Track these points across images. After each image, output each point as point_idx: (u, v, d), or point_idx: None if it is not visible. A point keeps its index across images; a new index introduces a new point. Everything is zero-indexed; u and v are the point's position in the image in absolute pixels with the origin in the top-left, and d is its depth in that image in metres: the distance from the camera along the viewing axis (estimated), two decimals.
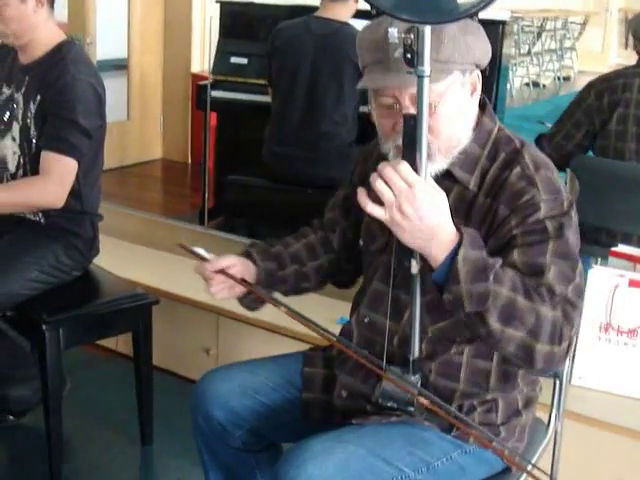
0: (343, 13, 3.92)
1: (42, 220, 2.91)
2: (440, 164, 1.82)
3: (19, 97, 2.87)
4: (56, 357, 2.79)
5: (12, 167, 2.90)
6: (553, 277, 1.71)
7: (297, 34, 3.99)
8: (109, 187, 5.27)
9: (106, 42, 5.60)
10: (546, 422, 2.22)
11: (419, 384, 1.78)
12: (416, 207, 1.59)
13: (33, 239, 2.87)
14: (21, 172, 2.88)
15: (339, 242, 2.16)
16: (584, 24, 11.65)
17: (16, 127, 2.87)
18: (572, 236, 1.77)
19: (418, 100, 1.58)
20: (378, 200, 1.62)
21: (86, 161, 2.86)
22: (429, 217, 1.61)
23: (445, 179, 1.83)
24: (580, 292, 1.76)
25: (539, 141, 3.52)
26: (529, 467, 1.88)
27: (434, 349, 1.89)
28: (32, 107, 2.82)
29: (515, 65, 9.62)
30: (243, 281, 1.99)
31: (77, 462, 3.08)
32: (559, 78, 10.88)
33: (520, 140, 1.88)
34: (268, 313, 2.12)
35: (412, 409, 1.82)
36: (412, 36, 1.53)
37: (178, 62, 6.19)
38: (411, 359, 1.77)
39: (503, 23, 4.18)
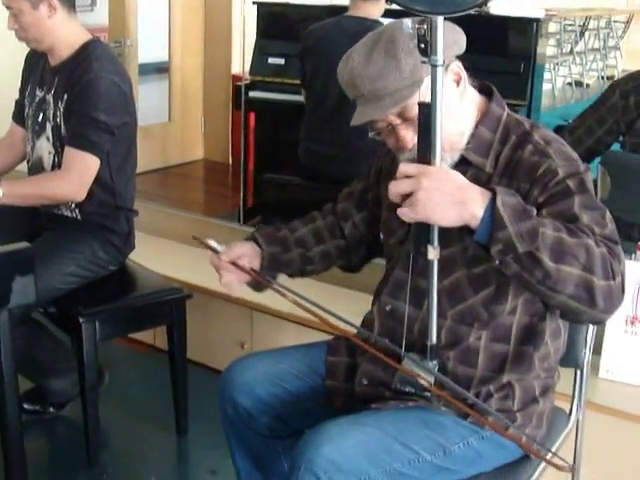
0: (374, 12, 3.95)
1: (79, 217, 2.99)
2: (449, 160, 1.87)
3: (50, 98, 2.95)
4: (93, 348, 2.87)
5: (48, 167, 2.98)
6: (588, 221, 1.71)
7: (329, 33, 4.01)
8: (152, 187, 5.40)
9: (148, 45, 5.64)
10: (568, 411, 2.24)
11: (436, 369, 1.80)
12: (435, 177, 1.61)
13: (70, 235, 2.95)
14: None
15: (350, 232, 2.21)
16: (628, 23, 11.52)
17: (49, 127, 2.95)
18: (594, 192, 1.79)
19: (432, 88, 1.61)
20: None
21: (118, 157, 2.95)
22: (452, 179, 1.64)
23: (460, 164, 1.88)
24: (616, 235, 1.74)
25: (558, 132, 3.51)
26: (548, 455, 1.86)
27: (453, 337, 1.92)
28: (61, 106, 2.90)
29: (557, 64, 9.54)
30: (252, 271, 2.07)
31: (114, 451, 3.16)
32: (603, 77, 10.75)
33: (530, 122, 1.91)
34: None
35: (429, 394, 1.86)
36: (425, 27, 1.59)
37: (219, 64, 6.25)
38: (429, 344, 1.78)
39: (537, 21, 4.18)
